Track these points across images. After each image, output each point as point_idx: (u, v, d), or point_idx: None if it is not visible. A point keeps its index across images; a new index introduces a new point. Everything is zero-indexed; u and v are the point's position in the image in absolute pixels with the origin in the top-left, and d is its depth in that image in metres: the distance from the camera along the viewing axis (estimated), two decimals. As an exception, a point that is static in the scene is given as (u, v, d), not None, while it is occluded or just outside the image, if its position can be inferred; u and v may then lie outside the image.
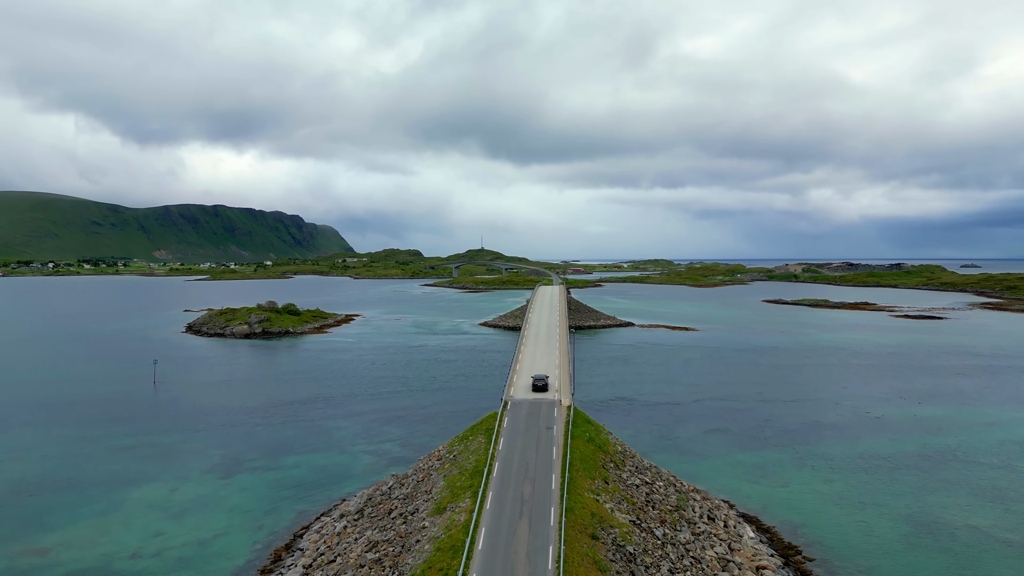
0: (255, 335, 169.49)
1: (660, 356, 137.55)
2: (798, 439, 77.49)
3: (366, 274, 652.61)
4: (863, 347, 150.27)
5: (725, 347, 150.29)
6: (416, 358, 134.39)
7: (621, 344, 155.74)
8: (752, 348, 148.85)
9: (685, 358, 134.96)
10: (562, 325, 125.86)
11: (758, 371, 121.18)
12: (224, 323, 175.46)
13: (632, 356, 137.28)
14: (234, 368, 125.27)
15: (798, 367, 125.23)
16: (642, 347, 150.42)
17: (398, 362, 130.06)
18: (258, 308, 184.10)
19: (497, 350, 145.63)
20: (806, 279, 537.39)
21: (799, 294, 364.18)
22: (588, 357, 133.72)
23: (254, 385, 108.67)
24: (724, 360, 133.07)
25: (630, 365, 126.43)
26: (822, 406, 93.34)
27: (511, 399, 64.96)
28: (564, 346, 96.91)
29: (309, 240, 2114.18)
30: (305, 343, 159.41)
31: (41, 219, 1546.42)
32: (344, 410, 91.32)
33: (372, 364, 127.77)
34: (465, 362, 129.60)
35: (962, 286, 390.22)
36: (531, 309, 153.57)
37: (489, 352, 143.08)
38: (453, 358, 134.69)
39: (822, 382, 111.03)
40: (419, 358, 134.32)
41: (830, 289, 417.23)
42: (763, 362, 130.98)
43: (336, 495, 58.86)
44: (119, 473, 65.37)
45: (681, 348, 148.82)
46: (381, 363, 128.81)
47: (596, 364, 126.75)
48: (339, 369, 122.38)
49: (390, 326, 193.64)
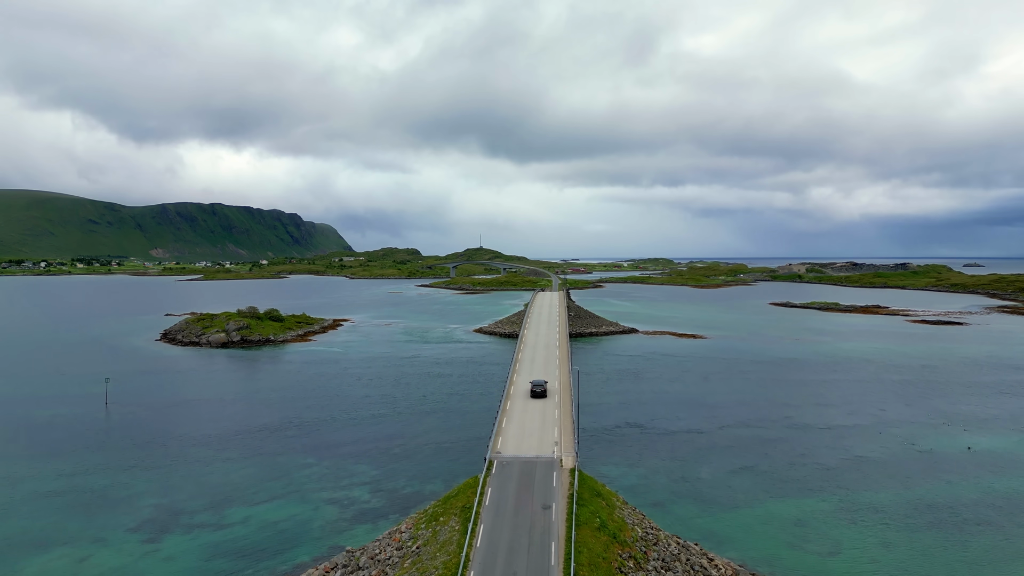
0: (233, 344, 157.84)
1: (671, 369, 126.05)
2: (841, 481, 66.01)
3: (362, 274, 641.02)
4: (890, 358, 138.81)
5: (740, 358, 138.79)
6: (404, 372, 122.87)
7: (626, 354, 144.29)
8: (770, 360, 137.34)
9: (700, 372, 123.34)
10: (562, 350, 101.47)
11: (782, 389, 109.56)
12: (200, 331, 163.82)
13: (640, 369, 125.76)
14: (202, 385, 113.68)
15: (826, 383, 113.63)
16: (649, 358, 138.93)
17: (385, 377, 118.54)
18: (238, 314, 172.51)
19: (492, 361, 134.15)
20: (810, 279, 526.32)
21: (805, 295, 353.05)
22: (592, 370, 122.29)
23: (218, 407, 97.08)
24: (742, 375, 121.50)
25: (639, 381, 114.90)
26: (861, 435, 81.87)
27: (498, 457, 51.81)
28: (566, 378, 79.69)
29: (307, 239, 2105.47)
30: (285, 354, 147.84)
31: (37, 217, 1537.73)
32: (315, 440, 79.80)
33: (355, 380, 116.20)
34: (457, 378, 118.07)
35: (973, 287, 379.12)
36: (526, 324, 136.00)
37: (483, 364, 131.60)
38: (444, 372, 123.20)
39: (856, 403, 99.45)
40: (407, 372, 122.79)
41: (836, 290, 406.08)
42: (786, 377, 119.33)
43: (280, 569, 47.31)
44: (29, 532, 53.86)
45: (692, 360, 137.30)
46: (365, 378, 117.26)
47: (601, 380, 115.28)
48: (318, 387, 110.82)
49: (379, 333, 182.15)
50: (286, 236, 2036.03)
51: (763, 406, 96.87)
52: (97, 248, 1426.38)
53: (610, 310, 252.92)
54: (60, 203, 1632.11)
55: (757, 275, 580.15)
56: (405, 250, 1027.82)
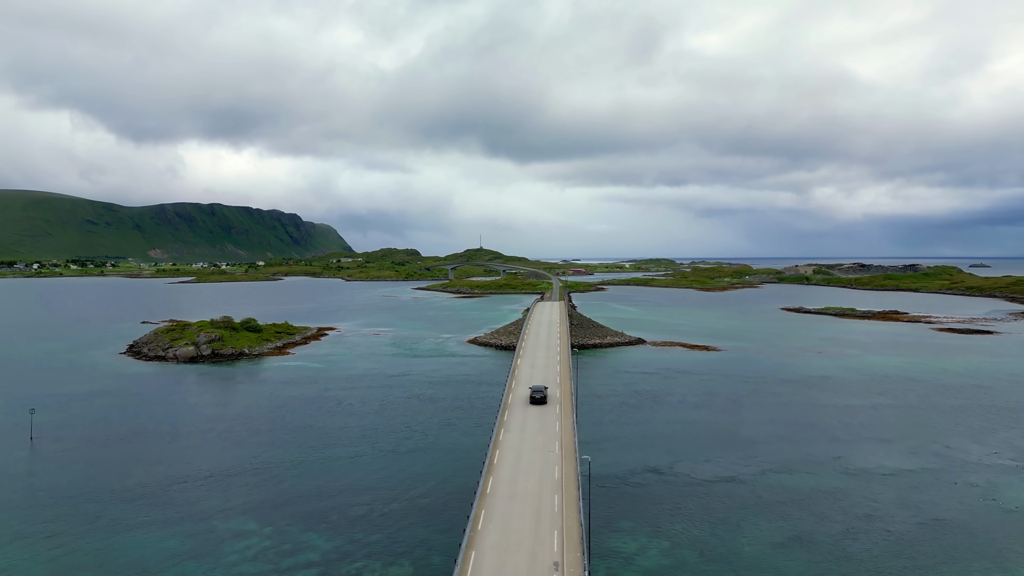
0: (202, 359, 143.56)
1: (692, 390, 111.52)
2: (921, 559, 51.75)
3: (359, 275, 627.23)
4: (931, 376, 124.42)
5: (766, 376, 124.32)
6: (389, 396, 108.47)
7: (636, 371, 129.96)
8: (799, 378, 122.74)
9: (727, 394, 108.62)
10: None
11: (824, 416, 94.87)
12: (168, 343, 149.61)
13: (656, 391, 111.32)
14: (152, 414, 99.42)
15: (872, 410, 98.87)
16: (665, 375, 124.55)
17: (367, 402, 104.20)
18: (211, 325, 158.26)
19: (485, 380, 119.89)
20: (818, 281, 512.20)
21: (815, 298, 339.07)
22: (599, 392, 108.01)
23: (161, 445, 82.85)
24: (774, 397, 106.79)
25: (654, 407, 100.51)
26: (932, 485, 67.33)
27: None
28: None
29: (307, 239, 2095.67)
30: (259, 371, 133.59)
31: (35, 218, 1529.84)
32: (268, 493, 65.57)
33: (333, 406, 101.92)
34: (447, 402, 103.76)
35: (990, 291, 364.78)
36: (521, 351, 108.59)
37: (476, 384, 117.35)
38: (433, 395, 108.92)
39: (913, 436, 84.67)
40: (393, 396, 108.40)
41: (847, 293, 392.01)
42: (824, 401, 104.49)
43: None
44: None
45: (712, 377, 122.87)
46: (345, 403, 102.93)
47: (610, 405, 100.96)
48: (287, 415, 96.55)
49: (365, 345, 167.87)
50: (285, 236, 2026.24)
51: (807, 441, 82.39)
52: (95, 249, 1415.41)
53: (614, 316, 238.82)
54: (58, 203, 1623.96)
55: (763, 276, 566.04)
56: (404, 251, 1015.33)
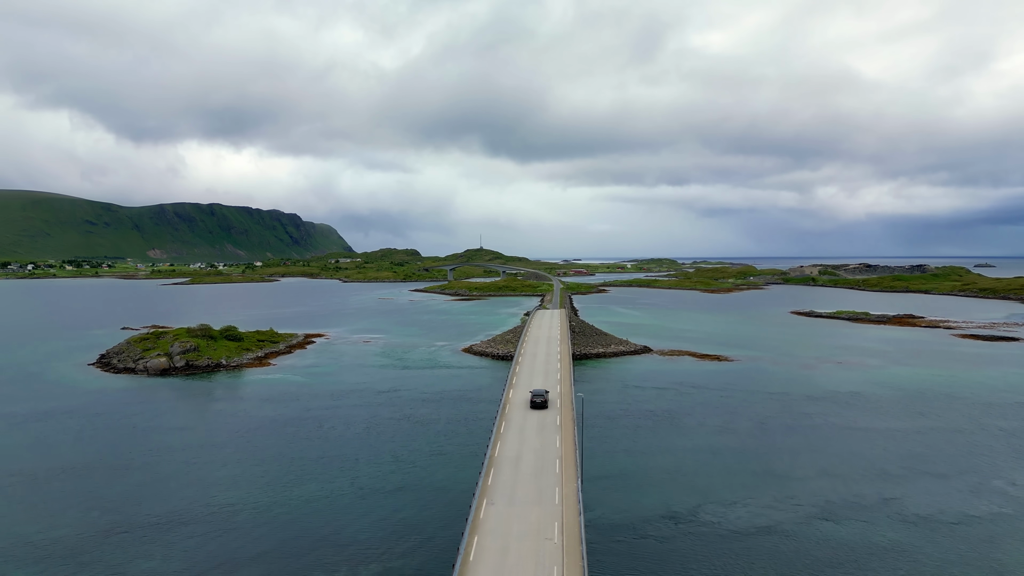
0: (175, 371, 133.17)
1: (708, 409, 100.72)
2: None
3: (356, 277, 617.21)
4: (972, 392, 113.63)
5: (787, 392, 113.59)
6: (376, 417, 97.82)
7: (644, 384, 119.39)
8: (824, 394, 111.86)
9: (751, 416, 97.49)
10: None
11: (867, 445, 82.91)
12: (140, 354, 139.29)
13: (668, 410, 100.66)
14: (104, 439, 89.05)
15: (916, 435, 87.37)
16: (675, 390, 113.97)
17: (352, 424, 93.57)
18: (187, 333, 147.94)
19: (482, 398, 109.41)
20: (824, 282, 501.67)
21: (824, 301, 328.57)
22: (608, 410, 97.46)
23: (104, 480, 72.47)
24: (806, 419, 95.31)
25: (671, 432, 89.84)
26: (1006, 539, 56.63)
27: None
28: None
29: (307, 239, 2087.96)
30: (234, 385, 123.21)
31: (33, 218, 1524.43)
32: (211, 552, 55.23)
33: (313, 429, 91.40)
34: (437, 425, 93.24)
35: (1003, 293, 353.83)
36: (516, 369, 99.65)
37: (470, 402, 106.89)
38: (422, 416, 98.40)
39: (971, 470, 73.25)
40: (380, 417, 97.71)
41: (856, 295, 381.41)
42: (862, 424, 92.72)
43: None
44: None
45: (728, 392, 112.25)
46: (327, 426, 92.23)
47: (621, 428, 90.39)
48: (256, 442, 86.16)
49: (353, 354, 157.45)
50: (285, 236, 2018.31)
51: (852, 476, 71.35)
52: (94, 249, 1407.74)
53: (617, 321, 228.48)
54: (57, 204, 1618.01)
55: (767, 277, 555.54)
56: (404, 251, 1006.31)
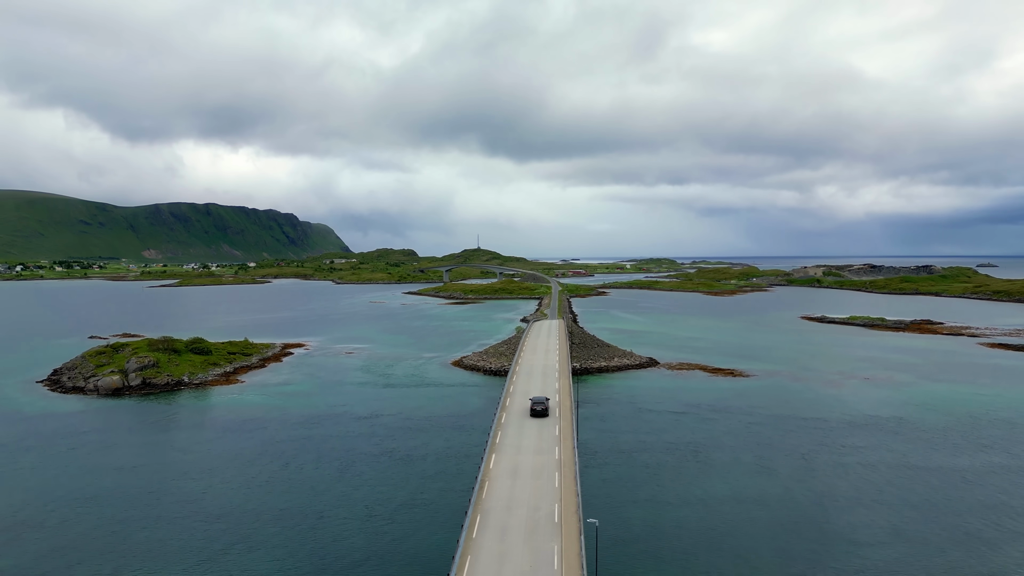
0: (129, 390, 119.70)
1: (737, 440, 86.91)
2: None
3: (350, 278, 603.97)
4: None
5: (822, 417, 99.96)
6: (353, 452, 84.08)
7: (655, 407, 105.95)
8: (864, 420, 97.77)
9: (790, 450, 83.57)
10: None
11: (941, 492, 67.86)
12: (92, 370, 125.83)
13: (691, 442, 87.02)
14: (26, 481, 75.72)
15: (994, 475, 73.73)
16: (692, 414, 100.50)
17: (324, 463, 79.87)
18: (147, 346, 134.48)
19: (471, 425, 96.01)
20: (830, 284, 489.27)
21: (832, 304, 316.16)
22: (618, 442, 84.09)
23: (7, 540, 59.20)
24: (854, 456, 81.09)
25: (699, 472, 76.42)
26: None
27: None
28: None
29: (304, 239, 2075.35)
30: (193, 409, 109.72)
31: (27, 218, 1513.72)
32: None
33: (277, 470, 77.75)
34: (422, 464, 79.50)
35: (1018, 295, 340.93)
36: (509, 392, 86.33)
37: (459, 431, 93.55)
38: (404, 451, 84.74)
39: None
40: (357, 452, 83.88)
41: (864, 297, 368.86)
42: (924, 462, 77.85)
43: None
44: None
45: (754, 417, 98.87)
46: (293, 467, 78.42)
47: (633, 468, 76.91)
48: (205, 488, 72.79)
49: (333, 368, 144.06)
50: (282, 236, 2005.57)
51: (938, 542, 56.27)
52: (89, 249, 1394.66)
53: (619, 328, 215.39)
54: (51, 204, 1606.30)
55: (771, 278, 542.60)
56: (401, 251, 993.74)
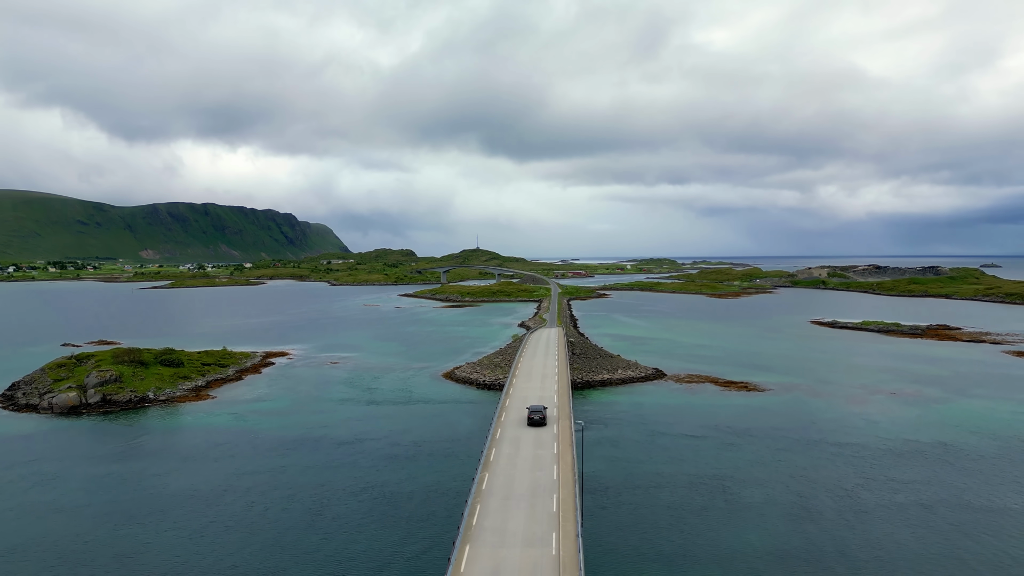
0: (87, 408, 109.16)
1: (764, 470, 76.41)
2: None
3: (346, 279, 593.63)
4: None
5: (856, 443, 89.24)
6: (325, 488, 73.36)
7: (669, 430, 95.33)
8: (904, 448, 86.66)
9: (829, 486, 73.12)
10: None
11: (1018, 547, 59.47)
12: (49, 385, 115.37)
13: (711, 474, 76.48)
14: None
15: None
16: (712, 438, 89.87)
17: (289, 505, 68.94)
18: (112, 358, 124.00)
19: (467, 452, 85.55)
20: (835, 285, 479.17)
21: (840, 306, 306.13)
22: (630, 475, 73.62)
23: None
24: (907, 495, 70.16)
25: (730, 516, 65.84)
26: None
27: None
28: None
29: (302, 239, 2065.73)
30: (154, 431, 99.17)
31: (24, 218, 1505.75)
32: None
33: (234, 513, 67.08)
34: (404, 504, 68.91)
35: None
36: (502, 413, 79.22)
37: (447, 458, 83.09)
38: (385, 485, 74.17)
39: None
40: (329, 488, 73.15)
41: (872, 300, 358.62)
42: (985, 502, 67.00)
43: None
44: None
45: (778, 441, 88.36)
46: (252, 509, 67.45)
47: (655, 511, 66.51)
48: (155, 539, 62.27)
49: (314, 381, 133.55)
50: (280, 236, 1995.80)
51: None
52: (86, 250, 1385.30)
53: (620, 333, 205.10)
54: (48, 204, 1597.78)
55: (774, 280, 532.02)
56: (399, 251, 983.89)
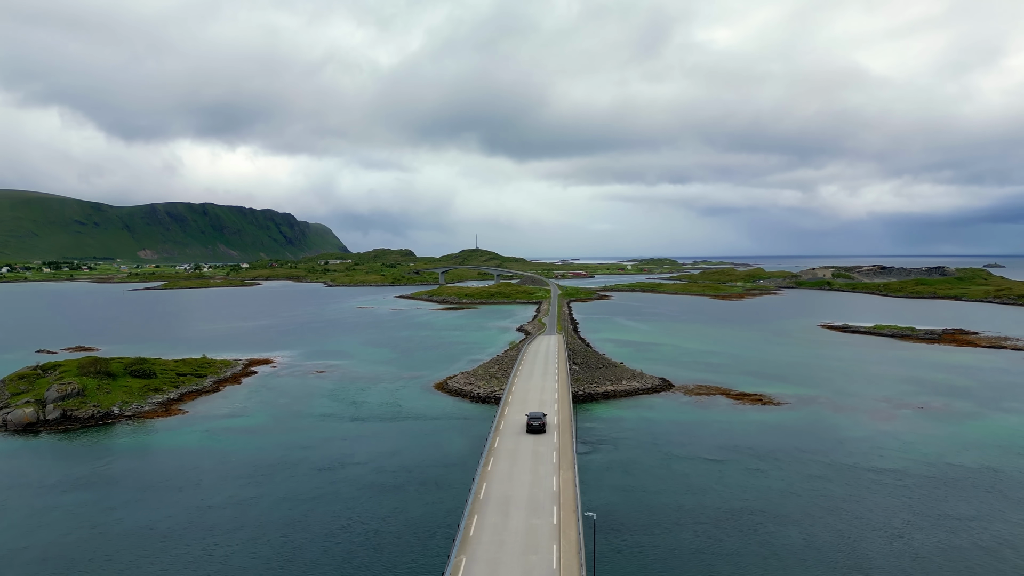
0: (46, 425, 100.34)
1: (797, 504, 67.70)
2: None
3: (343, 280, 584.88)
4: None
5: (896, 469, 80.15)
6: (297, 527, 64.45)
7: (678, 450, 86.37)
8: (950, 474, 77.58)
9: (877, 526, 64.62)
10: None
11: None
12: (7, 399, 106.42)
13: (739, 508, 67.45)
14: None
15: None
16: (733, 461, 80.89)
17: (258, 548, 60.17)
18: (77, 369, 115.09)
19: (459, 480, 76.76)
20: (841, 286, 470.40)
21: (849, 309, 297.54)
22: (643, 512, 64.84)
23: None
24: (970, 536, 61.10)
25: (768, 569, 57.21)
26: None
27: None
28: None
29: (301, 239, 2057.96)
30: (115, 453, 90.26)
31: (21, 218, 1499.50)
32: None
33: (192, 557, 58.69)
34: (396, 541, 60.01)
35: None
36: (496, 437, 71.86)
37: (439, 488, 74.27)
38: (370, 522, 65.40)
39: None
40: (302, 527, 64.34)
41: (879, 302, 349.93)
42: None
43: None
44: None
45: (805, 463, 79.39)
46: (213, 554, 59.32)
47: (668, 555, 57.77)
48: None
49: (297, 392, 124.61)
50: (279, 236, 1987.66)
51: None
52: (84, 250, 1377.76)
53: (624, 338, 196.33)
54: (46, 203, 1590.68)
55: (778, 280, 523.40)
56: (398, 251, 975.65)
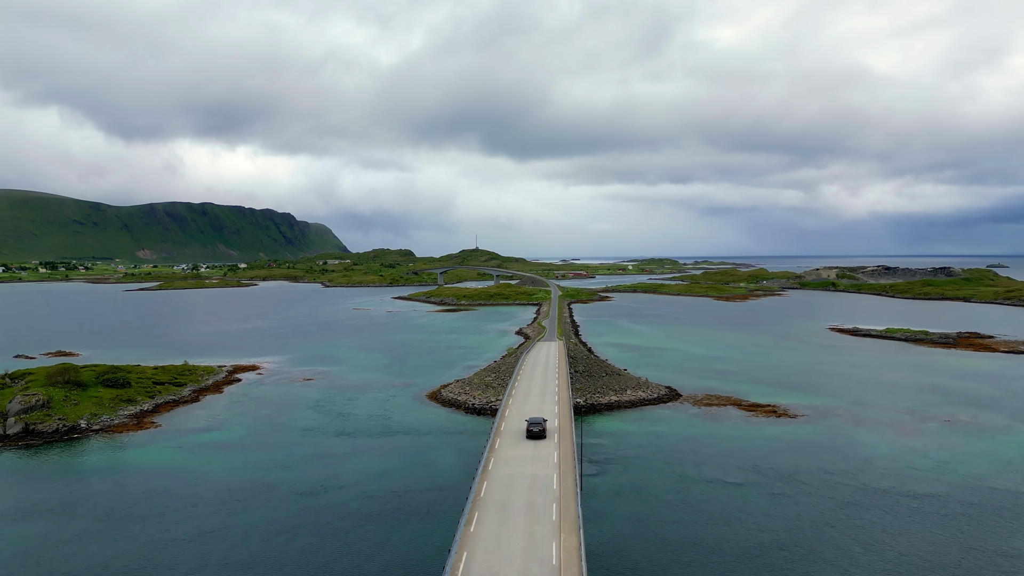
0: (6, 440, 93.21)
1: (836, 535, 60.37)
2: None
3: (341, 280, 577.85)
4: None
5: (934, 495, 72.58)
6: (277, 564, 57.88)
7: (693, 470, 79.04)
8: (993, 498, 69.31)
9: (928, 565, 57.94)
10: None
11: None
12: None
13: (760, 540, 59.99)
14: None
15: None
16: (755, 485, 73.53)
17: None
18: (45, 379, 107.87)
19: (443, 507, 69.54)
20: (846, 287, 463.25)
21: (856, 311, 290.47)
22: (659, 537, 57.71)
23: None
24: None
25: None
26: None
27: None
28: None
29: (301, 239, 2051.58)
30: (76, 474, 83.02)
31: (20, 218, 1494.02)
32: None
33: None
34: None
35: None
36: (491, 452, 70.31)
37: (429, 519, 67.07)
38: (353, 558, 58.44)
39: None
40: (282, 564, 57.75)
41: (887, 303, 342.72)
42: None
43: None
44: None
45: (833, 487, 71.98)
46: None
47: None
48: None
49: (282, 402, 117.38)
50: (279, 236, 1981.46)
51: None
52: (83, 250, 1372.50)
53: (626, 343, 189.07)
54: (45, 203, 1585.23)
55: (782, 281, 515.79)
56: (398, 251, 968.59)
